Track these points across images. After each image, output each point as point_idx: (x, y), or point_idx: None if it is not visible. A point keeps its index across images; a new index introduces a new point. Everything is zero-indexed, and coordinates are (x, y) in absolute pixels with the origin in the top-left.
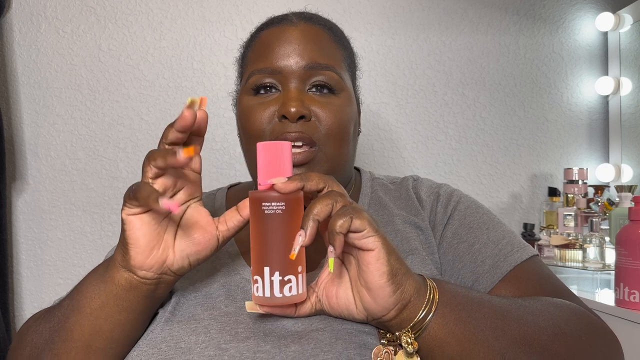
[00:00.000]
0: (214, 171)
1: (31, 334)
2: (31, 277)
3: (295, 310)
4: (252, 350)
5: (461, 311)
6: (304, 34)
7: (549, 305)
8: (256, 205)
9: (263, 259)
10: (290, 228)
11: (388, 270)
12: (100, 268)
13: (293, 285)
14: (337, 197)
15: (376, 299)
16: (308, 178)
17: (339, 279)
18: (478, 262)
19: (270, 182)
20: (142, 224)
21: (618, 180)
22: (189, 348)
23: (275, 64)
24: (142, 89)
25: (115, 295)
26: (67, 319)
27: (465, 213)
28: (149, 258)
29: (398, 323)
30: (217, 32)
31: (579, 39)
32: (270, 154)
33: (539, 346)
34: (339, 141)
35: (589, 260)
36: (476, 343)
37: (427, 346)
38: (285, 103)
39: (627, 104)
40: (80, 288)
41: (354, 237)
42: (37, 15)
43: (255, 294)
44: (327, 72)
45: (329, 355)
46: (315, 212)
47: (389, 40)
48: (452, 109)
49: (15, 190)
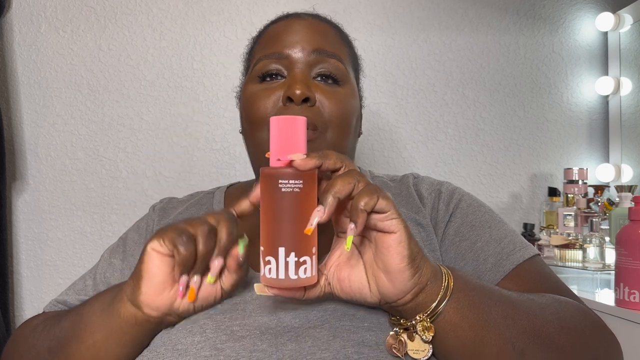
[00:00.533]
0: (214, 171)
1: (29, 348)
2: (31, 277)
3: (304, 293)
4: (249, 350)
5: (474, 297)
6: (311, 25)
7: (553, 300)
8: (271, 183)
9: (277, 239)
10: (307, 207)
11: (409, 253)
12: (107, 297)
13: (308, 267)
14: (359, 176)
15: (394, 282)
16: (326, 156)
17: (351, 262)
18: (480, 260)
19: (290, 157)
20: (163, 263)
21: (618, 180)
22: (186, 350)
23: (283, 51)
24: (142, 89)
25: (118, 330)
26: (68, 345)
27: (468, 211)
28: (159, 297)
29: (413, 307)
30: (217, 32)
31: (579, 39)
32: (284, 129)
33: (547, 338)
34: (341, 130)
35: (589, 260)
36: (488, 329)
37: (442, 330)
38: (290, 85)
39: (627, 104)
40: (84, 315)
41: (377, 219)
42: (37, 15)
43: (267, 276)
44: (332, 60)
45: (326, 354)
46: (336, 189)
47: (389, 40)
48: (452, 109)
49: (15, 190)
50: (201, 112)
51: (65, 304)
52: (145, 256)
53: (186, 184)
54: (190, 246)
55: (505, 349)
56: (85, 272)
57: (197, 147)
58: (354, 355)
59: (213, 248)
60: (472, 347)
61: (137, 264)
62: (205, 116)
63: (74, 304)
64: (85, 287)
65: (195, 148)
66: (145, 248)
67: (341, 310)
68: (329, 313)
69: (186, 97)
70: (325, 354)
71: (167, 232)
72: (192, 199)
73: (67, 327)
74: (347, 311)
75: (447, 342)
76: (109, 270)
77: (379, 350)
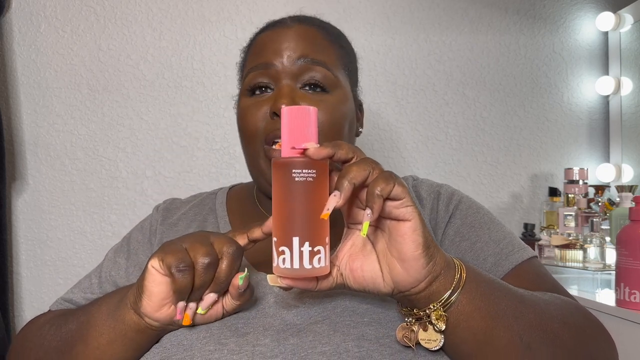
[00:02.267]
0: (214, 171)
1: (36, 346)
2: (31, 277)
3: (316, 284)
4: (252, 344)
5: (486, 288)
6: (297, 33)
7: (554, 298)
8: (284, 172)
9: (291, 229)
10: (320, 197)
11: (423, 241)
12: (113, 300)
13: (322, 257)
14: (374, 164)
15: (409, 270)
16: (339, 146)
17: (363, 252)
18: (480, 260)
19: (304, 146)
20: (162, 282)
21: (618, 180)
22: (191, 344)
23: (268, 61)
24: (141, 88)
25: (123, 335)
26: (74, 346)
27: (467, 212)
28: (158, 312)
29: (426, 296)
30: (217, 32)
31: (580, 38)
32: (296, 119)
33: (551, 333)
34: (331, 138)
35: (590, 261)
36: (498, 321)
37: (455, 320)
38: (276, 100)
39: (627, 103)
40: (90, 318)
41: (392, 206)
42: (37, 15)
43: (281, 266)
44: (318, 67)
45: (326, 347)
46: (352, 175)
47: (389, 40)
48: (453, 109)
49: (15, 190)
50: (201, 112)
51: (71, 302)
52: (147, 273)
53: (186, 183)
54: (187, 276)
55: (513, 341)
56: (90, 271)
57: (197, 147)
58: (354, 348)
59: (210, 281)
60: (483, 338)
61: (140, 276)
62: (205, 116)
63: (80, 302)
64: (91, 285)
65: (195, 148)
66: (147, 263)
67: (341, 307)
68: (329, 309)
69: (186, 97)
70: (325, 348)
71: (167, 255)
72: (195, 199)
73: (74, 329)
74: (347, 307)
75: (458, 332)
76: (114, 268)
77: (379, 344)
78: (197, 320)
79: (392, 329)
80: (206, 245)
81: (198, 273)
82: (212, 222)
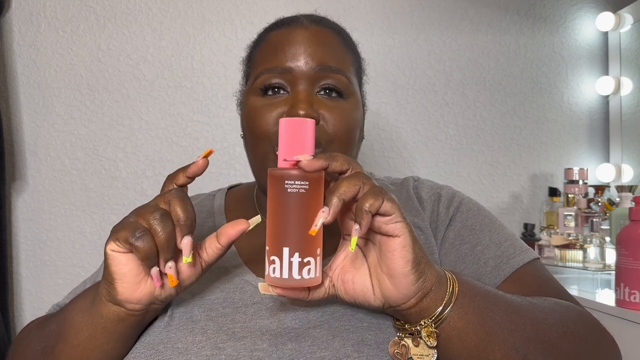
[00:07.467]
0: (214, 171)
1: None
2: (31, 277)
3: (308, 294)
4: (249, 349)
5: (479, 302)
6: (315, 36)
7: (555, 304)
8: (278, 183)
9: (282, 239)
10: (312, 208)
11: (413, 258)
12: (87, 298)
13: (312, 268)
14: (365, 179)
15: (398, 286)
16: (334, 158)
17: (355, 265)
18: (481, 263)
19: (296, 158)
20: (128, 260)
21: (618, 180)
22: (186, 348)
23: (286, 64)
24: (141, 88)
25: (103, 328)
26: (55, 346)
27: (468, 215)
28: (137, 292)
29: (417, 312)
30: (217, 32)
31: (580, 38)
32: (293, 131)
33: (549, 343)
34: (343, 146)
35: (590, 261)
36: (493, 335)
37: (447, 336)
38: (294, 105)
39: (627, 103)
40: (67, 316)
41: (381, 222)
42: (37, 15)
43: (271, 275)
44: (337, 75)
45: (326, 353)
46: (341, 191)
47: (389, 40)
48: (453, 109)
49: (15, 190)
50: (201, 112)
51: None
52: (109, 259)
53: None
54: (146, 239)
55: (509, 354)
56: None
57: (197, 147)
58: (354, 353)
59: (172, 231)
60: (476, 352)
61: (104, 267)
62: (205, 116)
63: None
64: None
65: (195, 148)
66: (105, 251)
67: (340, 311)
68: (328, 314)
69: (186, 97)
70: (324, 353)
71: (119, 232)
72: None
73: (54, 329)
74: (346, 312)
75: (451, 347)
76: None
77: (379, 349)
78: (183, 280)
79: (392, 334)
80: (150, 206)
81: (156, 231)
82: (209, 225)
